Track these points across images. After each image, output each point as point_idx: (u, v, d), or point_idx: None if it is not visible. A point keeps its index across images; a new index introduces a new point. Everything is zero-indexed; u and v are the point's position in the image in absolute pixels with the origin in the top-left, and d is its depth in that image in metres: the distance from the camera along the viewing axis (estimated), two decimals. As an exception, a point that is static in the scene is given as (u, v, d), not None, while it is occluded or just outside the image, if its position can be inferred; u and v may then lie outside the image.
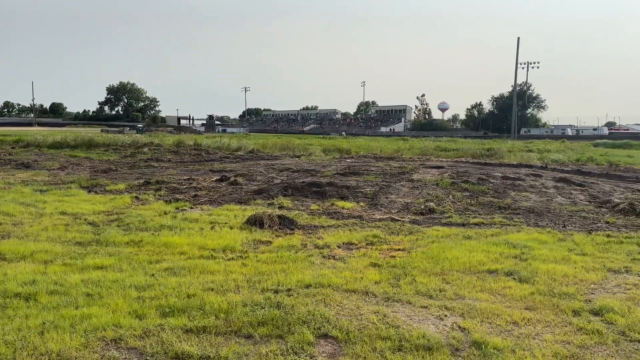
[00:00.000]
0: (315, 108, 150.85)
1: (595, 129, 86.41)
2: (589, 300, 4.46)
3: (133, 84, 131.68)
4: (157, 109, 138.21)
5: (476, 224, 7.92)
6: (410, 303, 4.37)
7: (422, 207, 9.28)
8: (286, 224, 7.57)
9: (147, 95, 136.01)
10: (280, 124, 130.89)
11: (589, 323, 3.94)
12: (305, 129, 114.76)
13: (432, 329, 3.82)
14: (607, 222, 8.22)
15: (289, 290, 4.59)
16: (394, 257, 5.85)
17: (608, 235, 7.09)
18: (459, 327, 3.86)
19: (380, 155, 23.74)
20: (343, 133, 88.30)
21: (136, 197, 10.09)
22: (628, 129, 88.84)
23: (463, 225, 7.88)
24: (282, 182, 12.33)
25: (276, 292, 4.55)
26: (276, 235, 6.91)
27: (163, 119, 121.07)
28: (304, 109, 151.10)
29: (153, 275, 5.03)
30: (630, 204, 9.39)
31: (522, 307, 4.31)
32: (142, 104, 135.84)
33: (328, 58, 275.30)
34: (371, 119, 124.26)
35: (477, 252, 6.00)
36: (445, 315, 4.10)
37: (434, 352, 3.41)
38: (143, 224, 7.46)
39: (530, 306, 4.35)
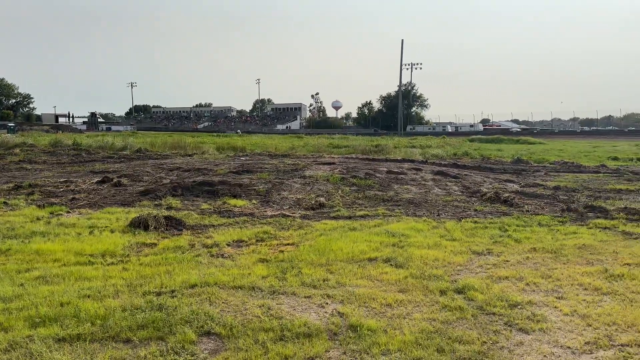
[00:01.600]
0: (210, 105, 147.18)
1: (471, 126, 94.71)
2: (455, 281, 4.95)
3: (2, 79, 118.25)
4: (31, 106, 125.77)
5: (361, 216, 8.34)
6: (295, 294, 4.52)
7: (313, 202, 9.55)
8: (174, 225, 7.37)
9: (20, 91, 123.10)
10: (172, 121, 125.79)
11: (453, 301, 4.39)
12: (198, 126, 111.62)
13: (313, 317, 3.99)
14: (476, 210, 9.12)
15: (172, 291, 4.51)
16: (282, 251, 5.98)
17: (475, 222, 7.87)
18: (338, 312, 4.09)
19: (275, 153, 23.91)
20: (238, 131, 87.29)
21: (4, 202, 9.16)
22: (500, 125, 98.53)
23: (349, 217, 8.26)
24: (172, 182, 11.93)
25: (159, 294, 4.44)
26: (162, 237, 6.70)
27: (39, 117, 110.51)
28: (197, 106, 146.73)
29: (22, 285, 4.65)
30: (496, 193, 10.50)
31: (396, 290, 4.67)
32: (14, 100, 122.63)
33: (222, 55, 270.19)
34: (267, 116, 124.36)
35: (360, 242, 6.35)
36: (327, 303, 4.31)
37: (313, 338, 3.58)
38: (12, 231, 6.82)
39: (404, 289, 4.72)
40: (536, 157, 22.37)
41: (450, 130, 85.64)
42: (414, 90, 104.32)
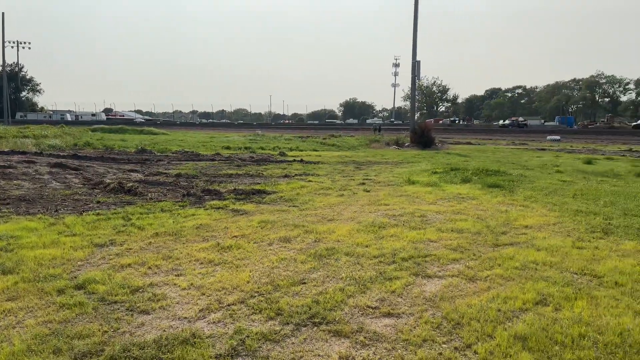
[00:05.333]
0: None
1: (94, 115, 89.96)
2: (75, 277, 4.66)
3: None
4: None
5: (-49, 221, 6.74)
6: None
7: None
8: None
9: None
10: None
11: (72, 298, 4.12)
12: None
13: None
14: (99, 202, 8.77)
15: None
16: None
17: (98, 214, 7.58)
18: None
19: None
20: None
21: None
22: (124, 115, 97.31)
23: None
24: None
25: None
26: None
27: None
28: None
29: None
30: (120, 183, 10.38)
31: (4, 300, 4.03)
32: None
33: None
34: None
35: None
36: None
37: None
38: None
39: (14, 296, 4.13)
40: (159, 147, 23.26)
41: (70, 119, 79.08)
42: (23, 73, 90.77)
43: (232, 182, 11.91)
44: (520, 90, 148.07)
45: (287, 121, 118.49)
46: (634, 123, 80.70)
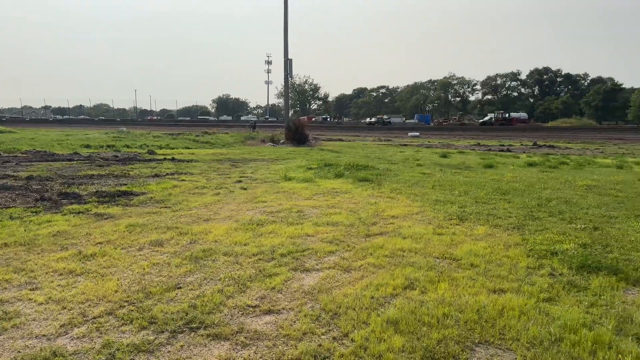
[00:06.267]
0: None
1: None
2: None
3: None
4: None
5: None
6: None
7: None
8: None
9: None
10: None
11: None
12: None
13: None
14: None
15: None
16: None
17: None
18: None
19: None
20: None
21: None
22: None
23: None
24: None
25: None
26: None
27: None
28: None
29: None
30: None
31: None
32: None
33: None
34: None
35: None
36: None
37: None
38: None
39: None
40: (6, 146, 20.58)
41: None
42: None
43: (94, 183, 10.95)
44: (384, 90, 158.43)
45: (155, 117, 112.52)
46: (481, 120, 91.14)
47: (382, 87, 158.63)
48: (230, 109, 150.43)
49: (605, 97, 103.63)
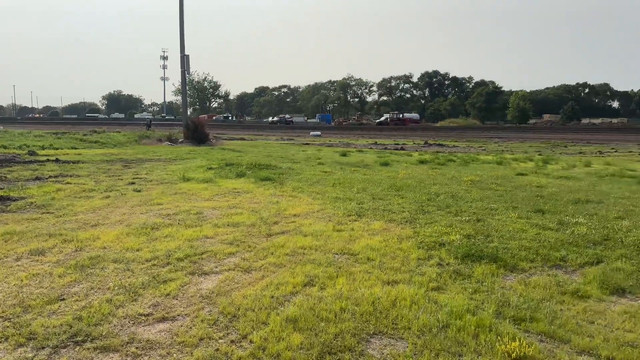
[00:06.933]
0: None
1: None
2: None
3: None
4: None
5: None
6: None
7: None
8: None
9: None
10: None
11: None
12: None
13: None
14: None
15: None
16: None
17: None
18: None
19: None
20: None
21: None
22: None
23: None
24: None
25: None
26: None
27: None
28: None
29: None
30: None
31: None
32: None
33: None
34: None
35: None
36: None
37: None
38: None
39: None
40: None
41: None
42: None
43: (-38, 188, 9.73)
44: (285, 90, 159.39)
45: (37, 115, 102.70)
46: (377, 120, 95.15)
47: (284, 86, 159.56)
48: (122, 107, 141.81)
49: (488, 99, 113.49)
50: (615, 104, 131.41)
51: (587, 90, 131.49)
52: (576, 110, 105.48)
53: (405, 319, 3.78)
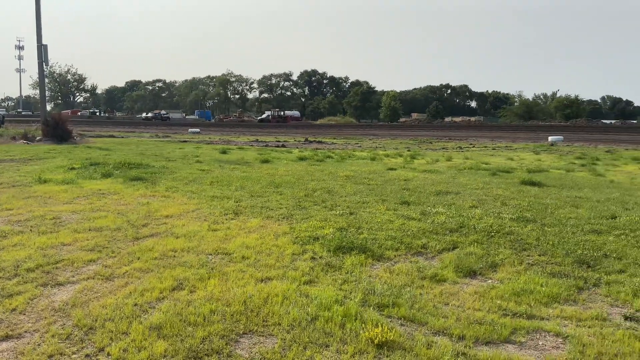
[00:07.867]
0: None
1: None
2: None
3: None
4: None
5: None
6: None
7: None
8: None
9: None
10: None
11: None
12: None
13: None
14: None
15: None
16: None
17: None
18: None
19: None
20: None
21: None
22: None
23: None
24: None
25: None
26: None
27: None
28: None
29: None
30: None
31: None
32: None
33: None
34: None
35: None
36: None
37: None
38: None
39: None
40: None
41: None
42: None
43: None
44: (160, 84, 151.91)
45: None
46: (259, 117, 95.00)
47: (159, 80, 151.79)
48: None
49: (363, 98, 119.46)
50: (474, 104, 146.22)
51: (449, 91, 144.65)
52: (440, 110, 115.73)
53: (276, 315, 3.78)
